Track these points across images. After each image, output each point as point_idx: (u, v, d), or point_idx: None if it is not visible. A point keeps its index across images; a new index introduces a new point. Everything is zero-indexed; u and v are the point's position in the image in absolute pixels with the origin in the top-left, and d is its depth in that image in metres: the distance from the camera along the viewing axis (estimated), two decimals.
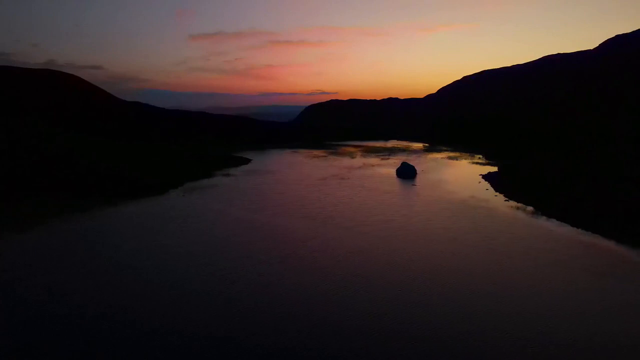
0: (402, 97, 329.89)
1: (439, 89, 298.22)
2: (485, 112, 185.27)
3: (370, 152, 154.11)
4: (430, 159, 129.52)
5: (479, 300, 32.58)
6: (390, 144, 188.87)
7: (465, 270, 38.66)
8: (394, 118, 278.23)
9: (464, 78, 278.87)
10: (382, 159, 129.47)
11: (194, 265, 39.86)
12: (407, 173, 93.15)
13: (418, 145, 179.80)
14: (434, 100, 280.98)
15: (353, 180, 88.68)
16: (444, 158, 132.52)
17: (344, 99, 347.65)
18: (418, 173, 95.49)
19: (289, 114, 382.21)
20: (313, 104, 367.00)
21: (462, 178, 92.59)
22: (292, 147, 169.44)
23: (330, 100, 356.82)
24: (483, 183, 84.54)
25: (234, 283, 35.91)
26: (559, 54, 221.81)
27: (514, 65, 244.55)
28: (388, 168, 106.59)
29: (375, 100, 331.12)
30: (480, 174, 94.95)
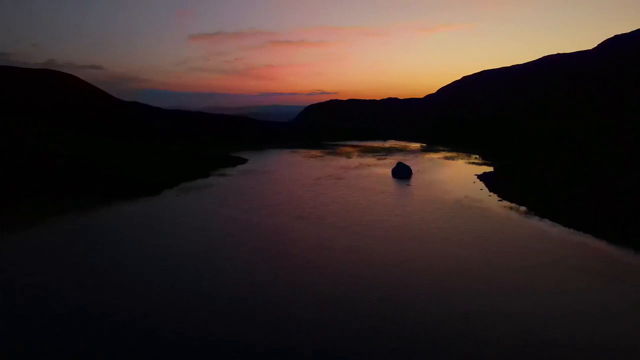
0: (401, 97, 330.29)
1: (439, 89, 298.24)
2: (485, 112, 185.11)
3: (368, 152, 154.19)
4: (427, 159, 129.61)
5: (472, 300, 32.68)
6: (388, 144, 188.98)
7: (457, 270, 38.79)
8: (394, 118, 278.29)
9: (464, 78, 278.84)
10: (378, 159, 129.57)
11: (183, 265, 40.01)
12: (402, 173, 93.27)
13: (416, 146, 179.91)
14: (434, 101, 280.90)
15: (348, 180, 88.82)
16: (441, 158, 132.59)
17: (344, 99, 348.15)
18: (414, 173, 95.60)
19: (289, 114, 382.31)
20: (312, 104, 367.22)
21: (457, 178, 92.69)
22: (290, 147, 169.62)
23: (330, 100, 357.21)
24: (478, 183, 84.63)
25: (224, 283, 36.04)
26: (559, 54, 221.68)
27: (514, 65, 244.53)
28: (384, 168, 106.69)
29: (375, 100, 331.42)
30: (476, 174, 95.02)
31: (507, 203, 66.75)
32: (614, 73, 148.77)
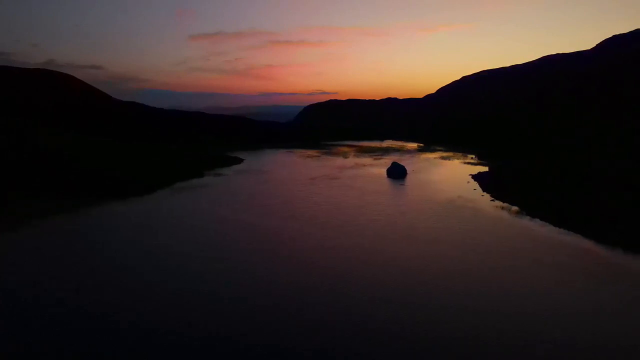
0: (401, 97, 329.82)
1: (438, 89, 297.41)
2: (484, 112, 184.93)
3: (364, 152, 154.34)
4: (423, 159, 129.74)
5: (463, 299, 32.84)
6: (385, 144, 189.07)
7: (447, 269, 39.00)
8: (394, 118, 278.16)
9: (463, 78, 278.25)
10: (374, 159, 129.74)
11: (172, 265, 40.27)
12: (397, 173, 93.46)
13: (412, 145, 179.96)
14: (433, 101, 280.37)
15: (342, 180, 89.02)
16: (437, 158, 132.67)
17: (343, 99, 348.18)
18: (408, 173, 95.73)
19: (289, 114, 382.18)
20: (312, 104, 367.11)
21: (451, 178, 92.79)
22: (288, 147, 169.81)
23: (329, 100, 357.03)
24: (472, 183, 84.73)
25: (211, 282, 36.15)
26: (558, 54, 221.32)
27: (513, 66, 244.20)
28: (379, 168, 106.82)
29: (375, 100, 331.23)
30: (470, 174, 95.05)
31: (499, 203, 66.88)
32: (613, 73, 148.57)
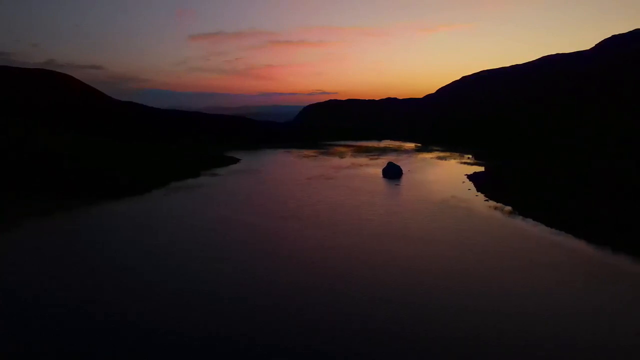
0: (401, 97, 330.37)
1: (438, 89, 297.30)
2: (484, 112, 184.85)
3: (362, 151, 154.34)
4: (420, 159, 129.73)
5: (463, 299, 32.87)
6: (383, 144, 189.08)
7: (446, 269, 39.06)
8: (394, 118, 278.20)
9: (463, 78, 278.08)
10: (371, 159, 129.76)
11: (172, 264, 40.33)
12: (392, 173, 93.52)
13: (410, 145, 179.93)
14: (433, 101, 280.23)
15: (338, 180, 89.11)
16: (433, 158, 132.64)
17: (343, 99, 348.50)
18: (404, 173, 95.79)
19: (289, 114, 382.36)
20: (311, 104, 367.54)
21: (447, 178, 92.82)
22: (286, 147, 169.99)
23: (329, 100, 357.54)
24: (467, 183, 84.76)
25: (211, 282, 36.18)
26: (558, 54, 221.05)
27: (513, 66, 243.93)
28: (375, 168, 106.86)
29: (374, 100, 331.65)
30: (466, 174, 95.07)
31: (492, 203, 66.90)
32: (613, 73, 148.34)
